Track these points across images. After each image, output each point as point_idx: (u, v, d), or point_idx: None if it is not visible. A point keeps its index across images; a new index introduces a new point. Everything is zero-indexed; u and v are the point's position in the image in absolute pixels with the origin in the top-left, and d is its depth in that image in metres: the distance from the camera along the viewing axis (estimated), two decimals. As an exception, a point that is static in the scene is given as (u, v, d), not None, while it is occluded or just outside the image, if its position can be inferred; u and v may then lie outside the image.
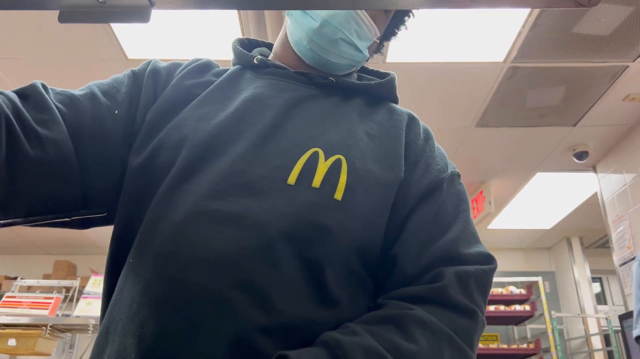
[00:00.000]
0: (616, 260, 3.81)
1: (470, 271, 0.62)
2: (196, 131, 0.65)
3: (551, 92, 3.14)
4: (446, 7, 0.40)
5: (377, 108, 0.76)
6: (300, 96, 0.72)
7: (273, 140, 0.65)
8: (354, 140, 0.68)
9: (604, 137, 3.69)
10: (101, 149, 0.66)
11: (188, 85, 0.74)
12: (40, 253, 6.43)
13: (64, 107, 0.64)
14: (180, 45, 2.76)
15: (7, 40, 2.73)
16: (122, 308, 0.58)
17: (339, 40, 0.72)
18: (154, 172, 0.64)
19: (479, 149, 3.91)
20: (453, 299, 0.60)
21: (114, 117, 0.68)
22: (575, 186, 4.58)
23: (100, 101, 0.68)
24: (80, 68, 2.92)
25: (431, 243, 0.65)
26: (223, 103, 0.70)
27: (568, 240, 6.11)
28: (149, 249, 0.58)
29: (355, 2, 0.33)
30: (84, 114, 0.66)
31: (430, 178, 0.69)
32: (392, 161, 0.68)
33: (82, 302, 2.92)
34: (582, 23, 2.52)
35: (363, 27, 0.73)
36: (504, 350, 4.75)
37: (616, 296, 6.42)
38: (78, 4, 0.33)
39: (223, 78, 0.75)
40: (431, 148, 0.74)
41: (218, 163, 0.62)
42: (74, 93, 0.67)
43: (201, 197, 0.59)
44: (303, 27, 0.73)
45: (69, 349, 5.12)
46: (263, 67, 0.76)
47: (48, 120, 0.61)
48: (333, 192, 0.61)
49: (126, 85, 0.72)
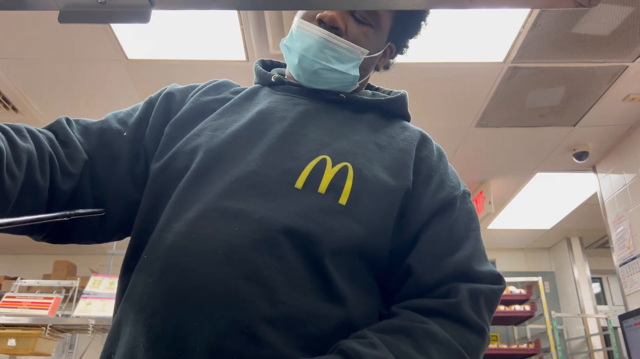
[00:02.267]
0: (616, 260, 3.81)
1: (482, 289, 0.65)
2: (212, 139, 0.70)
3: (551, 92, 3.14)
4: (446, 7, 0.40)
5: (390, 123, 0.79)
6: (312, 109, 0.76)
7: (284, 147, 0.68)
8: (362, 149, 0.71)
9: (604, 137, 3.69)
10: (111, 165, 0.73)
11: (206, 100, 0.79)
12: (40, 253, 6.43)
13: (81, 137, 0.73)
14: (180, 46, 2.76)
15: (7, 40, 2.73)
16: (134, 301, 0.61)
17: (319, 71, 0.76)
18: (171, 174, 0.69)
19: (479, 149, 3.91)
20: (465, 316, 0.62)
21: (122, 139, 0.75)
22: (575, 187, 4.58)
23: (110, 126, 0.76)
24: (80, 69, 2.92)
25: (445, 257, 0.67)
26: (239, 114, 0.75)
27: (568, 240, 6.11)
28: (162, 245, 0.61)
29: (355, 2, 0.33)
30: (93, 139, 0.74)
31: (444, 194, 0.72)
32: (400, 170, 0.71)
33: (81, 302, 2.92)
34: (582, 23, 2.52)
35: (341, 51, 0.75)
36: (503, 350, 4.75)
37: (616, 296, 6.42)
38: (78, 4, 0.33)
39: (241, 94, 0.80)
40: (445, 165, 0.77)
41: (231, 166, 0.66)
42: (89, 123, 0.76)
43: (214, 196, 0.63)
44: (289, 63, 0.79)
45: (68, 349, 5.12)
46: (279, 84, 0.81)
47: (72, 154, 0.70)
48: (338, 197, 0.64)
49: (140, 110, 0.79)
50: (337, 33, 0.75)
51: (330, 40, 0.74)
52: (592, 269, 6.05)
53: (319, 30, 0.74)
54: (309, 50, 0.74)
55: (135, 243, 0.69)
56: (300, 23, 0.76)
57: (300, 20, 0.76)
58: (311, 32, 0.75)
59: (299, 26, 0.76)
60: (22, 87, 3.10)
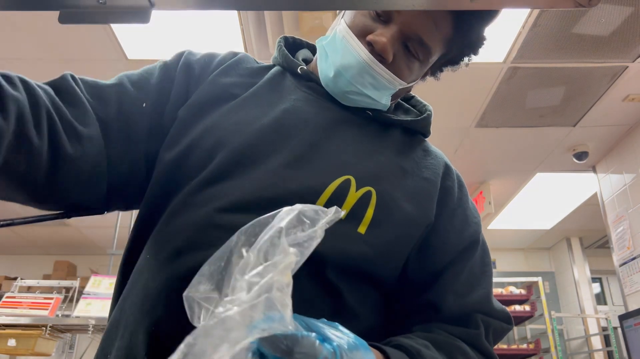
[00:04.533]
0: (616, 260, 3.81)
1: (495, 325, 0.70)
2: (233, 135, 0.65)
3: (551, 92, 3.14)
4: (446, 8, 0.40)
5: (412, 144, 0.77)
6: (339, 118, 0.71)
7: (308, 159, 0.65)
8: (387, 172, 0.68)
9: (604, 137, 3.69)
10: (127, 143, 0.65)
11: (225, 83, 0.72)
12: (40, 253, 6.43)
13: (92, 99, 0.64)
14: (180, 46, 2.76)
15: (7, 40, 2.73)
16: (135, 303, 0.58)
17: (351, 93, 0.71)
18: (185, 169, 0.64)
19: (478, 149, 3.91)
20: (484, 347, 0.67)
21: (142, 110, 0.67)
22: (575, 187, 4.58)
23: (128, 93, 0.67)
24: (80, 69, 2.92)
25: (467, 295, 0.70)
26: (262, 108, 0.69)
27: (568, 240, 6.11)
28: (167, 247, 0.59)
29: (355, 2, 0.33)
30: (111, 107, 0.65)
31: (470, 231, 0.73)
32: (424, 202, 0.70)
33: (82, 302, 2.92)
34: (582, 23, 2.52)
35: (380, 79, 0.70)
36: (503, 350, 4.74)
37: (616, 296, 6.41)
38: (78, 5, 0.33)
39: (264, 82, 0.74)
40: (466, 197, 0.77)
41: (251, 172, 0.62)
42: (102, 85, 0.67)
43: (227, 203, 0.59)
44: (321, 69, 0.73)
45: (68, 349, 5.13)
46: (305, 79, 0.75)
47: (82, 116, 0.61)
48: (357, 225, 0.63)
49: (157, 77, 0.71)
50: (381, 60, 0.69)
51: (373, 68, 0.68)
52: (592, 269, 6.05)
53: (365, 54, 0.68)
54: (348, 70, 0.69)
55: (139, 233, 0.67)
56: (347, 35, 0.69)
57: (348, 32, 0.69)
58: (357, 52, 0.68)
59: (345, 38, 0.69)
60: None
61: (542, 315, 4.79)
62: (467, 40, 0.74)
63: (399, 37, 0.68)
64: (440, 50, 0.73)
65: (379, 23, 0.68)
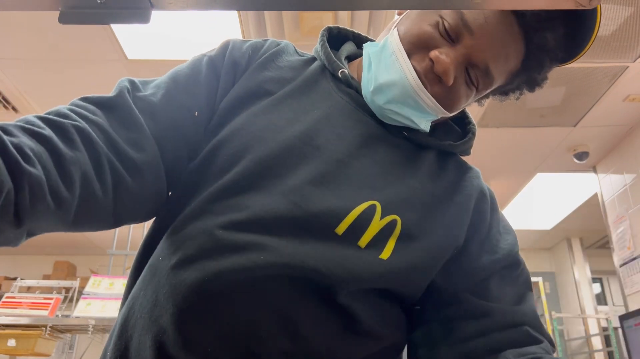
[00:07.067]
0: (616, 261, 3.81)
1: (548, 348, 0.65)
2: (259, 142, 0.62)
3: (551, 92, 3.14)
4: (446, 8, 0.40)
5: (447, 165, 0.72)
6: (373, 134, 0.66)
7: (334, 178, 0.61)
8: (416, 201, 0.64)
9: (604, 137, 3.69)
10: (181, 157, 0.64)
11: (262, 80, 0.68)
12: (40, 254, 6.43)
13: (144, 117, 0.61)
14: (180, 46, 2.76)
15: (7, 40, 2.73)
16: (145, 306, 0.58)
17: (390, 112, 0.65)
18: (208, 170, 0.62)
19: (479, 149, 3.90)
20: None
21: (194, 120, 0.65)
22: (576, 187, 4.58)
23: (178, 103, 0.64)
24: (80, 69, 2.92)
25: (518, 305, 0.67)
26: (294, 113, 0.65)
27: (568, 240, 6.11)
28: (178, 252, 0.57)
29: (355, 2, 0.33)
30: (164, 124, 0.62)
31: (507, 249, 0.70)
32: (453, 227, 0.66)
33: (81, 303, 2.92)
34: (582, 23, 2.52)
35: (423, 105, 0.64)
36: (504, 351, 4.74)
37: (616, 296, 6.42)
38: (78, 5, 0.33)
39: (301, 81, 0.69)
40: (498, 217, 0.74)
41: (272, 187, 0.59)
42: (153, 100, 0.63)
43: (244, 217, 0.57)
44: (364, 76, 0.67)
45: (68, 349, 5.12)
46: (345, 84, 0.70)
47: (139, 139, 0.59)
48: (379, 253, 0.59)
49: (205, 76, 0.67)
50: (434, 80, 0.63)
51: (418, 94, 0.62)
52: (593, 269, 6.05)
53: (413, 78, 0.61)
54: (390, 89, 0.63)
55: (161, 224, 0.65)
56: (397, 51, 0.63)
57: (400, 49, 0.63)
58: (404, 72, 0.62)
59: (395, 54, 0.63)
60: (22, 87, 3.10)
61: (543, 315, 4.79)
62: (531, 77, 0.69)
63: (463, 61, 0.62)
64: (500, 82, 0.68)
65: (445, 39, 0.62)
